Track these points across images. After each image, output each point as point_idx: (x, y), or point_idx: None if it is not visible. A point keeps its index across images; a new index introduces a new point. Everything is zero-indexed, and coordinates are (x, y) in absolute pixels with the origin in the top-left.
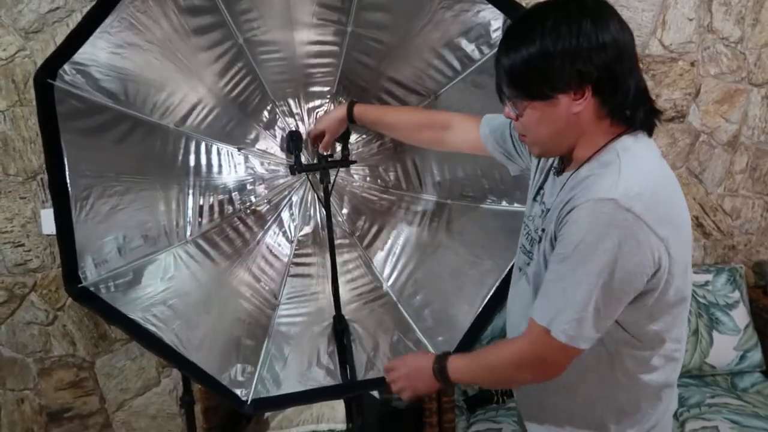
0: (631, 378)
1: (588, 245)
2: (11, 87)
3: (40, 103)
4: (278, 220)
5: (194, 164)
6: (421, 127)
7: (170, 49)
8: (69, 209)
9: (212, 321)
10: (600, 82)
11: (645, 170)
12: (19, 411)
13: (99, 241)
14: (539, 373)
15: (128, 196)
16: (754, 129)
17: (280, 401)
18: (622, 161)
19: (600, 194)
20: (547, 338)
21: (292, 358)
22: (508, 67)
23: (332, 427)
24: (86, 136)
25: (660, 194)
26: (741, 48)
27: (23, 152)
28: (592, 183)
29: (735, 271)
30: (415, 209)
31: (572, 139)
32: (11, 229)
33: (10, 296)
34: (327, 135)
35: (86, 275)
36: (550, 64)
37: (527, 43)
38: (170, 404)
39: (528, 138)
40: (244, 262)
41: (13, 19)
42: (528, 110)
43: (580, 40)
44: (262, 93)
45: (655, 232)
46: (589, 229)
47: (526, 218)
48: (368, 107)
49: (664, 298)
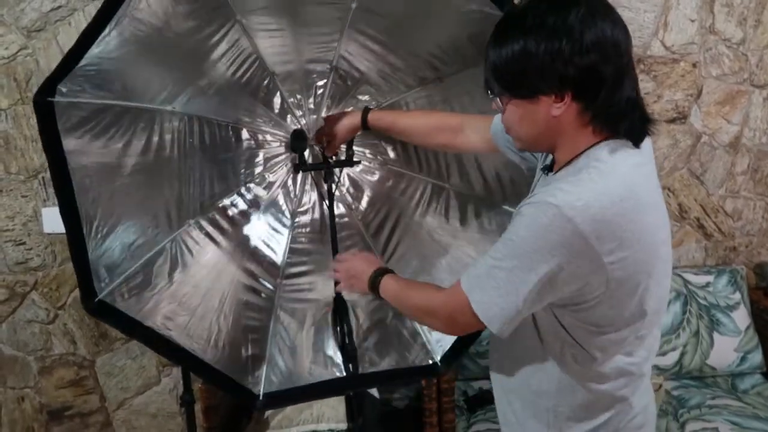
0: (579, 381)
1: (524, 242)
2: (13, 85)
3: (43, 127)
4: (278, 196)
5: (193, 143)
6: (434, 131)
7: (169, 38)
8: (80, 229)
9: (219, 309)
10: (582, 86)
11: (607, 184)
12: (19, 409)
13: (110, 249)
14: (447, 328)
15: (134, 195)
16: (755, 130)
17: (291, 395)
18: (590, 172)
19: (550, 198)
20: (465, 305)
21: (298, 346)
22: (493, 62)
23: (332, 427)
24: (91, 143)
25: (610, 211)
26: (743, 49)
27: (25, 151)
28: (554, 187)
29: (736, 273)
30: (414, 190)
31: (552, 139)
32: (12, 227)
33: (11, 294)
34: (336, 139)
35: (101, 286)
36: (532, 64)
37: (512, 39)
38: (170, 403)
39: (510, 133)
40: (245, 241)
41: (15, 18)
42: (510, 107)
43: (563, 40)
44: (261, 68)
45: (593, 248)
46: (530, 228)
47: None
48: (382, 113)
49: (609, 312)
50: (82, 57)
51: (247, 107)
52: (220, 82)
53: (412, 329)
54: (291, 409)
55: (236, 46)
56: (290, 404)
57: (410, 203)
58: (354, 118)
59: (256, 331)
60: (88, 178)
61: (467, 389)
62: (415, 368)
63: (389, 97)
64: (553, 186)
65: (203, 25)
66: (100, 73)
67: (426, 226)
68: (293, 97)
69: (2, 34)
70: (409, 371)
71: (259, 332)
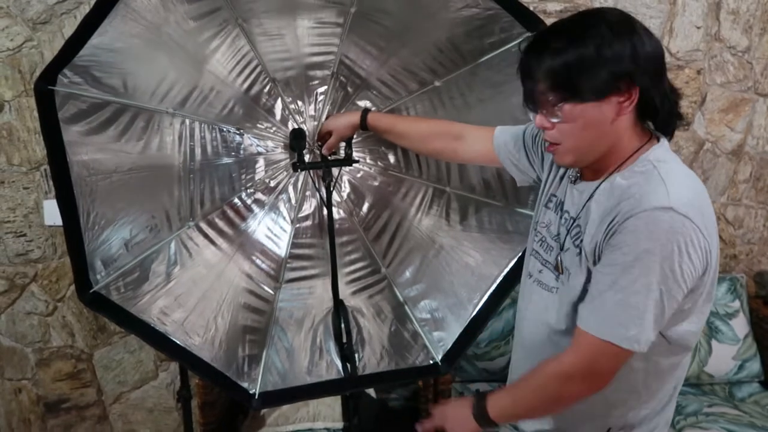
0: (646, 382)
1: (650, 254)
2: (17, 77)
3: (43, 114)
4: (279, 201)
5: (194, 147)
6: (432, 137)
7: (170, 37)
8: (77, 220)
9: (217, 309)
10: (645, 83)
11: (686, 181)
12: (16, 401)
13: (107, 243)
14: (590, 385)
15: (133, 191)
16: (758, 139)
17: (287, 395)
18: (661, 171)
19: (655, 203)
20: (601, 347)
21: (296, 348)
22: (552, 70)
23: (329, 426)
24: (89, 136)
25: (703, 203)
26: (748, 57)
27: (28, 143)
28: (640, 193)
29: (736, 281)
30: (415, 194)
31: (607, 146)
32: (14, 219)
33: (10, 286)
34: (334, 137)
35: (97, 279)
36: (603, 66)
37: (579, 44)
38: (167, 398)
39: (565, 145)
40: (245, 244)
41: (21, 10)
42: (571, 115)
43: (634, 43)
44: (262, 74)
45: (705, 237)
46: (651, 237)
47: (536, 225)
48: (382, 115)
49: (701, 297)
50: (82, 46)
51: (248, 113)
52: (221, 87)
53: (413, 330)
54: (287, 408)
55: (236, 49)
56: (286, 403)
57: (411, 208)
58: (353, 116)
59: (254, 333)
60: (87, 170)
61: (464, 391)
62: (416, 368)
63: (389, 102)
64: (633, 192)
65: (203, 27)
66: (100, 66)
67: (427, 229)
68: (294, 104)
69: (8, 26)
70: (409, 372)
71: (257, 334)
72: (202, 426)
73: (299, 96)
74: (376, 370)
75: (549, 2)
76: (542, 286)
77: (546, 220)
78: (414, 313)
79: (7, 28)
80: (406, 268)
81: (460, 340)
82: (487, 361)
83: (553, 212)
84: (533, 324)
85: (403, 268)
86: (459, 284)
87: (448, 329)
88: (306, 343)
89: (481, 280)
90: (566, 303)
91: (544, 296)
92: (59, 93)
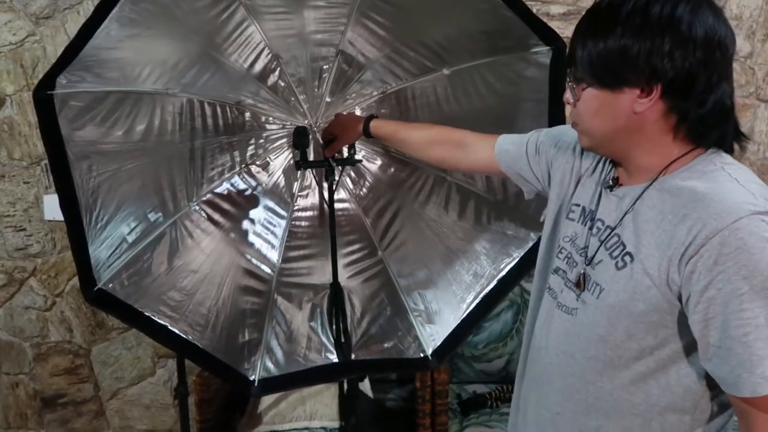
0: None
1: None
2: (19, 72)
3: (44, 122)
4: (279, 180)
5: (196, 127)
6: (434, 144)
7: (168, 17)
8: (80, 222)
9: (218, 294)
10: (674, 83)
11: (758, 180)
12: (13, 395)
13: (109, 238)
14: None
15: (135, 181)
16: (760, 144)
17: (286, 381)
18: (731, 172)
19: (749, 207)
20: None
21: (293, 332)
22: (588, 51)
23: (325, 425)
24: (90, 134)
25: None
26: (750, 63)
27: (29, 137)
28: (716, 197)
29: None
30: (416, 179)
31: (628, 140)
32: (13, 213)
33: (9, 280)
34: (338, 142)
35: (100, 275)
36: (627, 56)
37: (610, 29)
38: (164, 395)
39: (581, 126)
40: (245, 224)
41: (24, 4)
42: (586, 95)
43: (667, 34)
44: (266, 51)
45: None
46: (766, 251)
47: (556, 239)
48: (384, 122)
49: None
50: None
51: (251, 90)
52: (224, 64)
53: (407, 321)
54: (284, 406)
55: (241, 28)
56: (285, 390)
57: (411, 192)
58: (358, 123)
59: (254, 316)
60: (90, 168)
61: (461, 392)
62: (407, 360)
63: (394, 85)
64: (700, 197)
65: (209, 5)
66: (100, 63)
67: (425, 216)
68: (298, 82)
69: (10, 20)
70: (400, 362)
71: (257, 316)
72: (198, 423)
73: (303, 74)
74: (370, 357)
75: (552, 5)
76: (562, 309)
77: (570, 233)
78: (408, 302)
79: (9, 23)
80: (402, 255)
81: (452, 337)
82: (485, 362)
83: (578, 223)
84: (560, 353)
85: (399, 255)
86: (454, 280)
87: (440, 324)
88: (304, 327)
89: (476, 280)
90: (589, 325)
91: (564, 320)
92: (58, 96)
